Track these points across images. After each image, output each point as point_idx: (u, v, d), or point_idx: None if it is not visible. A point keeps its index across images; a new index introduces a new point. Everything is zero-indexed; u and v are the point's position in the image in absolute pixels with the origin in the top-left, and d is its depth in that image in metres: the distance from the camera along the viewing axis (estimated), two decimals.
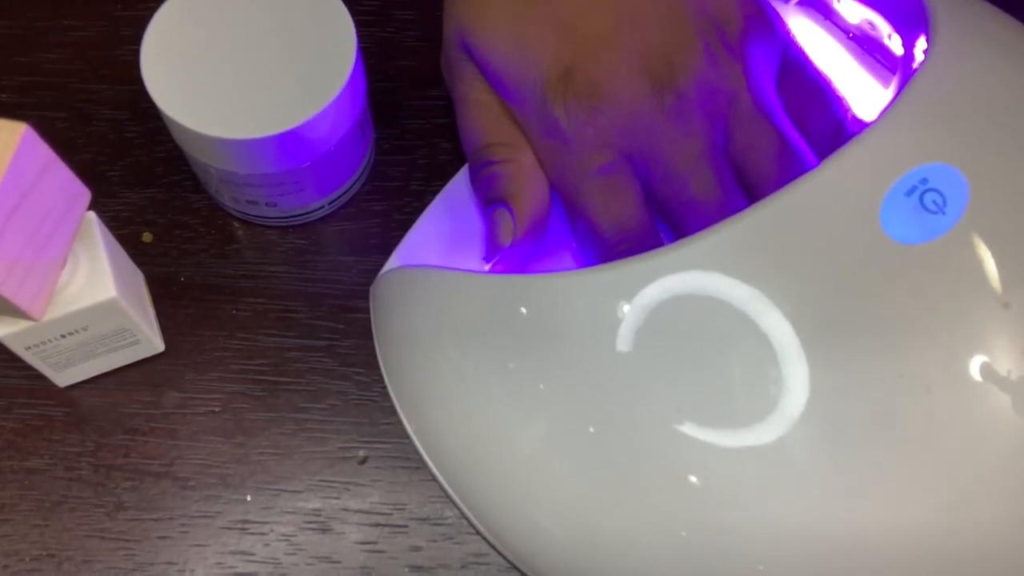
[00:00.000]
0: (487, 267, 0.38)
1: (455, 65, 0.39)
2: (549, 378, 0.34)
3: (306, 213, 0.45)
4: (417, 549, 0.40)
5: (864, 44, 0.40)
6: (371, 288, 0.42)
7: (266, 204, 0.43)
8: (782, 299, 0.32)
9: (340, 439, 0.42)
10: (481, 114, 0.39)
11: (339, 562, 0.40)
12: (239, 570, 0.40)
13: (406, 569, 0.40)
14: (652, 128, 0.36)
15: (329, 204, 0.45)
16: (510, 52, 0.37)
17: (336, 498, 0.41)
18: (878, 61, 0.40)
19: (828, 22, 0.41)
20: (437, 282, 0.38)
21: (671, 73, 0.36)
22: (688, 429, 0.32)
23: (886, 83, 0.39)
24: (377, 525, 0.41)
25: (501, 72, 0.37)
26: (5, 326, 0.37)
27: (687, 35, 0.36)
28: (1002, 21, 0.37)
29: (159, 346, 0.43)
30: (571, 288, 0.34)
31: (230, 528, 0.41)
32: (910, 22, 0.37)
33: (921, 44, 0.36)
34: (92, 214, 0.39)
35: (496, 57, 0.37)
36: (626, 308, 0.33)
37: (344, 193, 0.45)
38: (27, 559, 0.40)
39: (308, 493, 0.41)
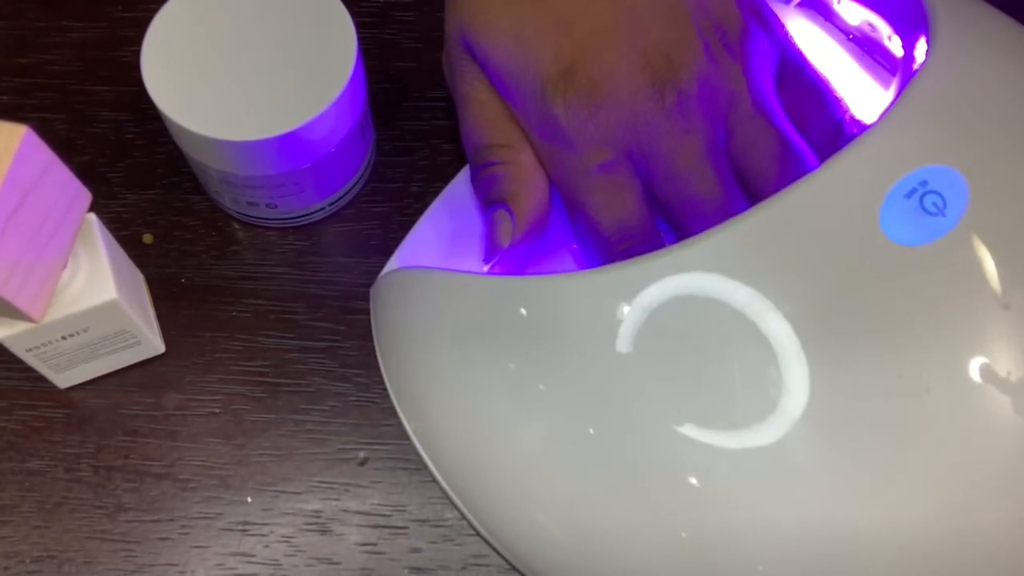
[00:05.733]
0: (486, 268, 0.38)
1: (456, 64, 0.39)
2: (549, 379, 0.34)
3: (306, 215, 0.45)
4: (417, 551, 0.40)
5: (864, 46, 0.41)
6: (371, 289, 0.42)
7: (266, 205, 0.43)
8: (782, 300, 0.32)
9: (340, 440, 0.42)
10: (482, 114, 0.39)
11: (339, 563, 0.40)
12: (239, 571, 0.40)
13: (406, 571, 0.40)
14: (653, 126, 0.36)
15: (329, 205, 0.45)
16: (510, 50, 0.37)
17: (336, 499, 0.41)
18: (878, 63, 0.40)
19: (828, 23, 0.41)
20: (437, 283, 0.38)
21: (672, 71, 0.36)
22: (688, 430, 0.32)
23: (886, 85, 0.39)
24: (377, 526, 0.41)
25: (501, 70, 0.37)
26: (5, 328, 0.37)
27: (687, 34, 0.36)
28: (1002, 22, 0.37)
29: (159, 347, 0.43)
30: (571, 289, 0.34)
31: (230, 529, 0.41)
32: (910, 24, 0.37)
33: (921, 46, 0.36)
34: (92, 215, 0.39)
35: (496, 55, 0.37)
36: (626, 309, 0.33)
37: (344, 195, 0.45)
38: (27, 560, 0.40)
39: (308, 494, 0.41)
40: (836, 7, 0.41)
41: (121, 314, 0.39)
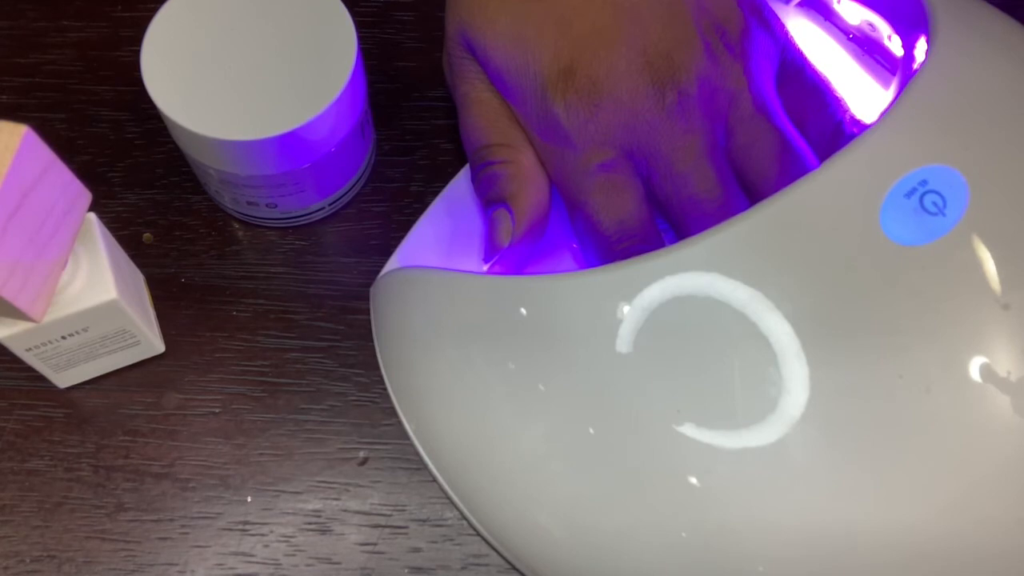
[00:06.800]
0: (486, 267, 0.39)
1: (457, 64, 0.39)
2: (549, 379, 0.34)
3: (306, 214, 0.45)
4: (417, 550, 0.40)
5: (864, 45, 0.41)
6: (371, 289, 0.42)
7: (266, 205, 0.43)
8: (782, 300, 0.32)
9: (340, 440, 0.42)
10: (482, 114, 0.39)
11: (339, 563, 0.40)
12: (239, 571, 0.40)
13: (406, 570, 0.40)
14: (653, 125, 0.36)
15: (329, 205, 0.45)
16: (510, 49, 0.37)
17: (336, 499, 0.41)
18: (878, 62, 0.40)
19: (828, 23, 0.41)
20: (437, 283, 0.38)
21: (672, 71, 0.36)
22: (688, 430, 0.32)
23: (886, 84, 0.39)
24: (377, 526, 0.41)
25: (501, 69, 0.37)
26: (6, 328, 0.37)
27: (688, 33, 0.36)
28: (1002, 22, 0.37)
29: (159, 347, 0.43)
30: (571, 289, 0.34)
31: (230, 529, 0.41)
32: (910, 23, 0.37)
33: (921, 45, 0.36)
34: (92, 215, 0.39)
35: (497, 54, 0.37)
36: (626, 309, 0.33)
37: (344, 194, 0.45)
38: (28, 560, 0.40)
39: (308, 494, 0.41)
40: (836, 7, 0.41)
41: (121, 314, 0.39)
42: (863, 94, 0.39)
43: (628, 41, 0.36)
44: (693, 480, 0.32)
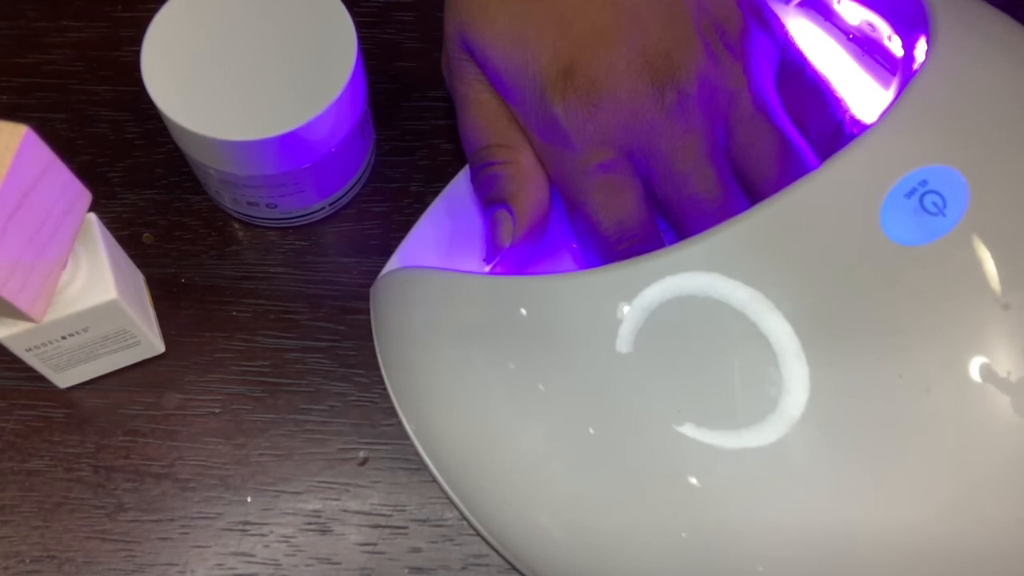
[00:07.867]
0: (487, 268, 0.39)
1: (456, 65, 0.39)
2: (549, 379, 0.34)
3: (306, 214, 0.45)
4: (417, 550, 0.40)
5: (864, 46, 0.41)
6: (371, 289, 0.42)
7: (266, 205, 0.43)
8: (782, 300, 0.32)
9: (340, 440, 0.42)
10: (481, 114, 0.39)
11: (339, 563, 0.40)
12: (239, 571, 0.40)
13: (406, 571, 0.40)
14: (653, 125, 0.36)
15: (329, 205, 0.45)
16: (509, 49, 0.37)
17: (336, 499, 0.41)
18: (878, 63, 0.40)
19: (828, 23, 0.41)
20: (437, 283, 0.38)
21: (672, 71, 0.36)
22: (688, 430, 0.32)
23: (886, 85, 0.39)
24: (377, 526, 0.41)
25: (500, 70, 0.37)
26: (6, 328, 0.37)
27: (687, 33, 0.36)
28: (1002, 22, 0.37)
29: (159, 347, 0.43)
30: (571, 289, 0.34)
31: (230, 529, 0.41)
32: (910, 23, 0.37)
33: (921, 46, 0.36)
34: (92, 215, 0.39)
35: (495, 55, 0.37)
36: (626, 309, 0.33)
37: (344, 194, 0.45)
38: (27, 560, 0.40)
39: (308, 494, 0.41)
40: (836, 7, 0.41)
41: (121, 314, 0.39)
42: (863, 94, 0.39)
43: (628, 41, 0.36)
44: (693, 480, 0.32)
